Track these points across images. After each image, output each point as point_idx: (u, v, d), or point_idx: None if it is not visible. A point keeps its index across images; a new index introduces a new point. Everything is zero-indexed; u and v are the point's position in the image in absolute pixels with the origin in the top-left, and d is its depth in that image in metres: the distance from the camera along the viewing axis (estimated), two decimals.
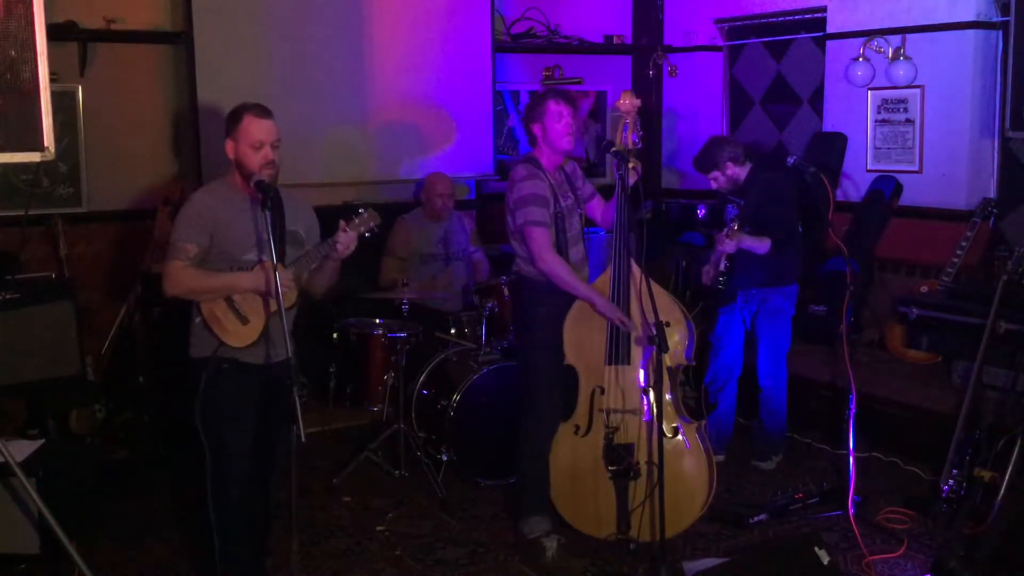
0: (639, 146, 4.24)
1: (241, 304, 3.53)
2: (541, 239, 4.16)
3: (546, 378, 4.29)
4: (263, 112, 3.52)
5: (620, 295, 4.17)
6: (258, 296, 3.54)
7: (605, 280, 4.24)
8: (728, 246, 4.89)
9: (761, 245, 4.91)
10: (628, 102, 4.23)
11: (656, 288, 4.18)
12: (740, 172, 5.08)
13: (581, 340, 4.24)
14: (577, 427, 4.27)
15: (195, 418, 3.53)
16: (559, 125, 4.22)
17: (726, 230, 4.89)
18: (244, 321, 3.53)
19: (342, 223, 3.59)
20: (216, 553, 3.61)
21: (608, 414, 4.21)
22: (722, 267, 4.98)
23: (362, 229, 3.61)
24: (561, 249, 4.24)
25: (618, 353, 4.20)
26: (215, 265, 3.52)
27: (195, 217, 3.51)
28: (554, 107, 4.22)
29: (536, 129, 4.28)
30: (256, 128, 3.48)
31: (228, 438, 3.53)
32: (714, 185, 5.19)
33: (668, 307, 4.20)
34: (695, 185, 7.42)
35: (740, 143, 5.23)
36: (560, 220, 4.24)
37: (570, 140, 4.25)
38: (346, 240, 3.57)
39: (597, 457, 4.22)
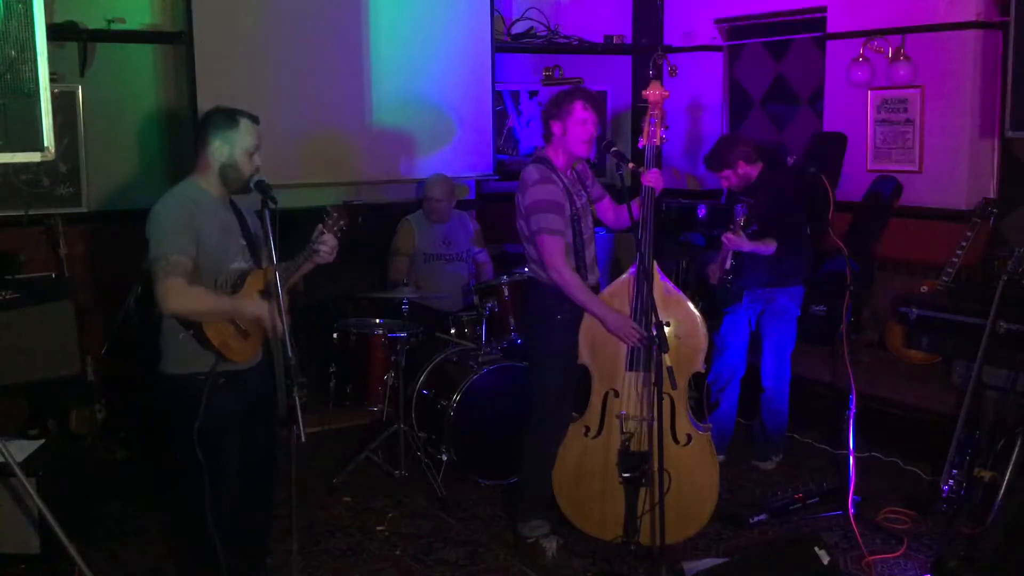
0: (667, 141, 4.18)
1: (241, 319, 3.46)
2: (555, 248, 4.06)
3: (558, 384, 4.24)
4: (255, 119, 3.48)
5: (642, 308, 4.08)
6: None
7: (617, 288, 4.19)
8: (733, 242, 4.89)
9: (766, 247, 4.91)
10: (657, 93, 4.10)
11: (679, 297, 4.21)
12: (751, 171, 5.07)
13: (596, 341, 4.18)
14: (587, 428, 4.24)
15: (187, 435, 3.36)
16: (581, 130, 4.10)
17: (732, 227, 4.88)
18: (245, 336, 3.47)
19: (320, 227, 3.55)
20: (221, 567, 3.53)
21: (624, 420, 4.18)
22: (727, 265, 4.99)
23: (335, 229, 3.57)
24: (578, 251, 4.18)
25: (638, 359, 4.15)
26: (200, 278, 3.37)
27: (181, 226, 3.33)
28: (580, 112, 4.10)
29: (556, 127, 4.15)
30: (254, 134, 3.44)
31: (226, 453, 3.47)
32: (725, 184, 5.19)
33: (689, 318, 4.19)
34: (695, 185, 7.43)
35: (751, 142, 5.22)
36: (576, 222, 4.16)
37: (588, 147, 4.15)
38: (329, 243, 3.54)
39: (607, 460, 4.20)
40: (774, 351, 5.18)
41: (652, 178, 4.09)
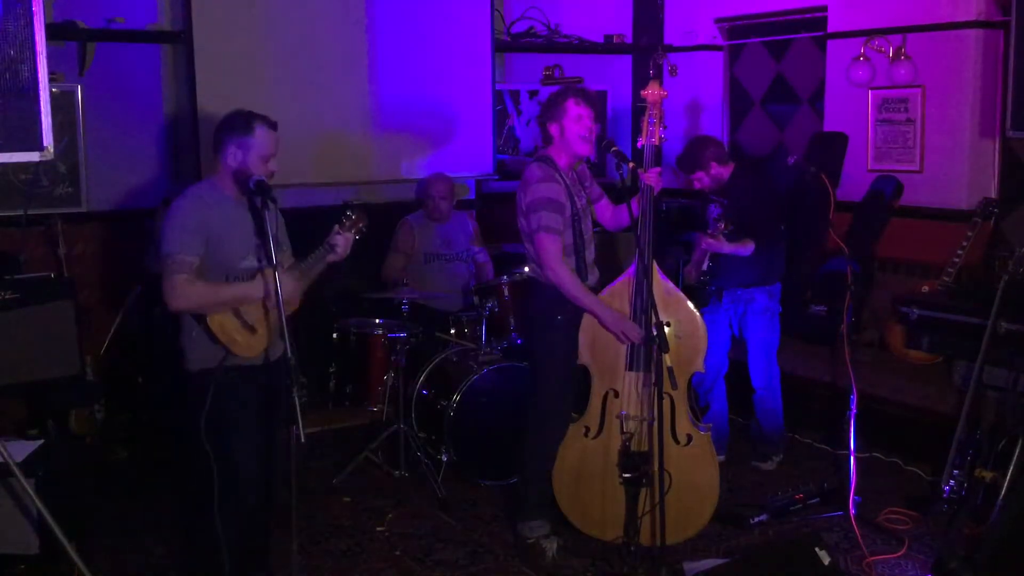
0: (666, 141, 4.18)
1: (247, 314, 3.49)
2: (552, 247, 4.05)
3: (558, 384, 4.24)
4: (273, 124, 3.50)
5: (641, 308, 4.08)
6: (261, 304, 3.51)
7: (618, 288, 4.19)
8: (712, 245, 4.90)
9: (744, 248, 4.91)
10: (655, 92, 4.10)
11: (679, 296, 4.21)
12: (723, 172, 5.10)
13: (596, 341, 4.18)
14: (587, 429, 4.24)
15: (198, 430, 3.41)
16: (578, 127, 4.10)
17: (710, 229, 4.90)
18: (252, 331, 3.50)
19: (336, 227, 3.61)
20: (224, 565, 3.55)
21: (625, 420, 4.18)
22: (705, 267, 5.01)
23: (353, 231, 3.62)
24: (578, 251, 4.18)
25: (638, 359, 4.15)
26: (211, 276, 3.43)
27: (191, 225, 3.39)
28: (574, 108, 4.10)
29: (553, 129, 4.15)
30: (270, 141, 3.47)
31: (236, 448, 3.49)
32: (697, 185, 5.21)
33: (689, 318, 4.19)
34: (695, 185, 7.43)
35: (722, 143, 5.24)
36: (577, 222, 4.15)
37: (588, 144, 4.15)
38: (344, 243, 3.59)
39: (608, 460, 4.20)
40: (761, 351, 5.17)
41: (651, 177, 4.10)
